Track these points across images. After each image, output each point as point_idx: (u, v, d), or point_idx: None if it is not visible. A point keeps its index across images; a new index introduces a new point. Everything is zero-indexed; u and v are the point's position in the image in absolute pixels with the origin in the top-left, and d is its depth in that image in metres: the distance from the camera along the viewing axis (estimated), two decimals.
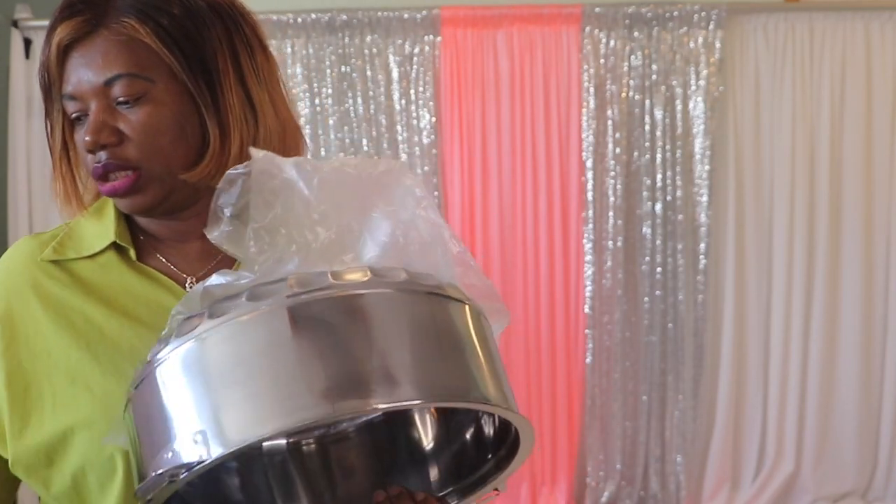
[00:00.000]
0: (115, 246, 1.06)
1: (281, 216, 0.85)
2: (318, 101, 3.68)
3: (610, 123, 3.68)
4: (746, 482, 3.83)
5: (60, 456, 0.99)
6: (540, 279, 3.73)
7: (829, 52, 3.69)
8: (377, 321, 0.78)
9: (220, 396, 0.76)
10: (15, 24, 3.66)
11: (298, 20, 3.64)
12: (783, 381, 3.77)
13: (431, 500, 0.97)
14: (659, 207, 3.70)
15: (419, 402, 0.76)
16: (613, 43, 3.66)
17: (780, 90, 3.71)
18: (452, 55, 3.67)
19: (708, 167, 3.69)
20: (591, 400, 3.75)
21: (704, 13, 3.64)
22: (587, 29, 3.65)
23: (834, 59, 3.69)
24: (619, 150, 3.69)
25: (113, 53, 0.99)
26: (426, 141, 3.68)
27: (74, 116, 1.02)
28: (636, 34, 3.66)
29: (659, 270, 3.71)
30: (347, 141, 3.69)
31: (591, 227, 3.70)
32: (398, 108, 3.69)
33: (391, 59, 3.67)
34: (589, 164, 3.69)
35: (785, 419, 3.78)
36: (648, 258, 3.72)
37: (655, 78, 3.67)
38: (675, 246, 3.70)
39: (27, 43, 3.67)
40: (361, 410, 0.75)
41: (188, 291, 0.82)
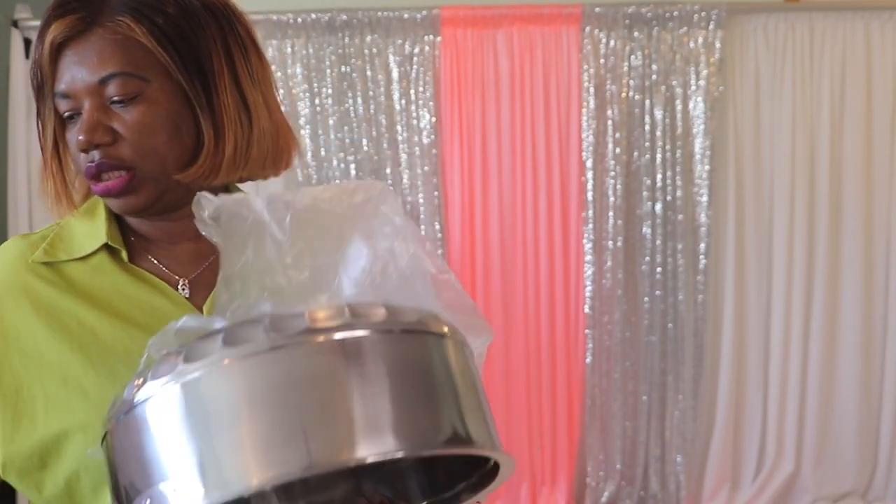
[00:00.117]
0: (106, 247, 1.06)
1: (252, 263, 0.83)
2: (318, 101, 3.68)
3: (610, 123, 3.68)
4: (746, 482, 3.83)
5: (54, 459, 0.99)
6: (540, 279, 3.73)
7: (829, 52, 3.69)
8: (356, 368, 0.77)
9: (197, 447, 0.75)
10: (15, 24, 3.66)
11: (298, 20, 3.64)
12: (783, 381, 3.77)
13: None
14: (659, 207, 3.70)
15: (401, 453, 0.76)
16: (613, 43, 3.66)
17: (780, 90, 3.70)
18: (452, 55, 3.67)
19: (708, 167, 3.68)
20: (591, 400, 3.75)
21: (704, 13, 3.63)
22: (587, 29, 3.65)
23: (834, 59, 3.69)
24: (619, 150, 3.68)
25: (108, 52, 0.99)
26: (426, 141, 3.68)
27: (67, 115, 1.01)
28: (636, 34, 3.66)
29: (659, 270, 3.71)
30: (347, 141, 3.69)
31: (591, 227, 3.70)
32: (398, 108, 3.69)
33: (391, 59, 3.67)
34: (589, 164, 3.69)
35: (785, 419, 3.78)
36: (648, 258, 3.72)
37: (655, 78, 3.67)
38: (675, 246, 3.70)
39: (27, 43, 3.66)
40: (342, 464, 0.75)
41: (164, 328, 0.81)
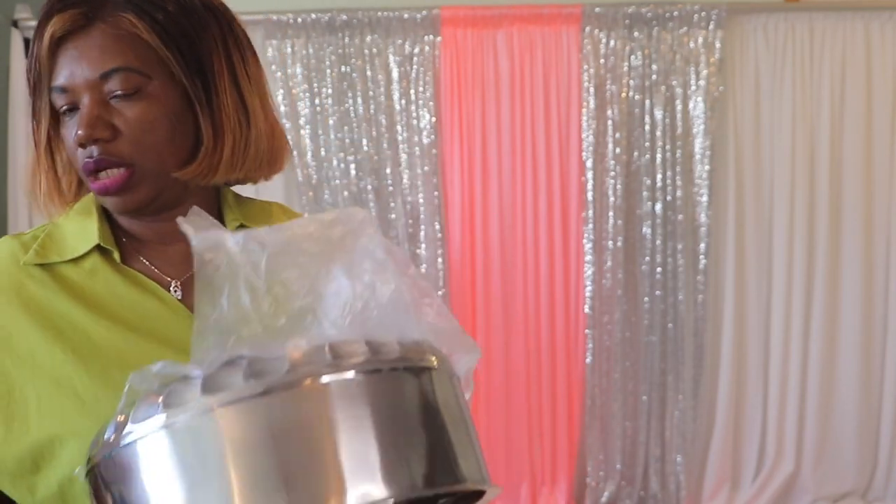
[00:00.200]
0: (98, 248, 1.05)
1: (227, 314, 0.80)
2: (318, 101, 3.68)
3: (610, 123, 3.68)
4: (746, 482, 3.83)
5: (47, 462, 0.97)
6: (540, 279, 3.73)
7: (829, 52, 3.69)
8: (339, 412, 0.76)
9: (178, 496, 0.75)
10: (15, 24, 3.66)
11: (298, 20, 3.64)
12: (783, 381, 3.77)
13: None
14: (659, 207, 3.70)
15: (391, 500, 0.76)
16: (613, 43, 3.66)
17: (780, 90, 3.70)
18: (452, 55, 3.67)
19: (708, 167, 3.68)
20: (591, 400, 3.75)
21: (704, 13, 3.63)
22: (587, 29, 3.65)
23: (834, 59, 3.69)
24: (619, 150, 3.68)
25: (111, 47, 0.99)
26: (426, 141, 3.68)
27: (63, 110, 1.01)
28: (636, 34, 3.66)
29: (659, 270, 3.71)
30: (347, 141, 3.69)
31: (591, 227, 3.70)
32: (398, 108, 3.68)
33: (391, 59, 3.67)
34: (589, 164, 3.69)
35: (785, 419, 3.78)
36: (648, 258, 3.72)
37: (655, 78, 3.66)
38: (675, 246, 3.70)
39: (27, 43, 3.66)
40: None
41: (143, 369, 0.80)
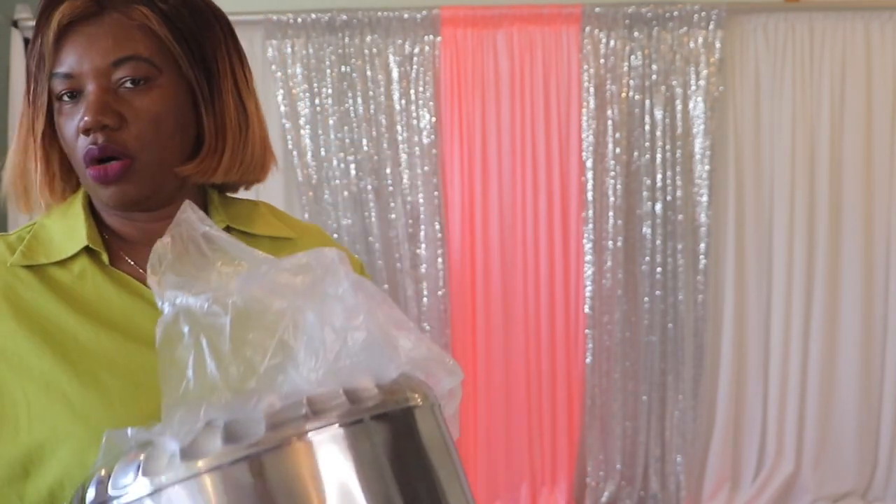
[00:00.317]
0: (86, 249, 1.04)
1: (194, 387, 0.79)
2: (318, 101, 3.68)
3: (610, 123, 3.68)
4: (746, 482, 3.82)
5: (37, 468, 0.96)
6: (540, 279, 3.73)
7: (829, 52, 3.69)
8: (326, 469, 0.76)
9: None
10: (15, 24, 3.66)
11: (298, 20, 3.64)
12: (783, 381, 3.77)
13: None
14: (659, 207, 3.70)
15: None
16: (613, 43, 3.66)
17: (780, 90, 3.70)
18: (452, 55, 3.67)
19: (708, 167, 3.68)
20: (591, 400, 3.75)
21: (704, 13, 3.63)
22: (587, 29, 3.65)
23: (834, 59, 3.69)
24: (619, 150, 3.68)
25: (125, 36, 0.99)
26: (426, 141, 3.68)
27: (63, 97, 1.00)
28: (636, 34, 3.66)
29: (659, 270, 3.71)
30: (347, 141, 3.69)
31: (591, 227, 3.70)
32: (398, 108, 3.68)
33: (391, 59, 3.67)
34: (589, 164, 3.69)
35: (785, 419, 3.78)
36: (648, 258, 3.71)
37: (655, 78, 3.66)
38: (675, 246, 3.70)
39: (27, 43, 3.66)
40: None
41: (118, 430, 0.79)
